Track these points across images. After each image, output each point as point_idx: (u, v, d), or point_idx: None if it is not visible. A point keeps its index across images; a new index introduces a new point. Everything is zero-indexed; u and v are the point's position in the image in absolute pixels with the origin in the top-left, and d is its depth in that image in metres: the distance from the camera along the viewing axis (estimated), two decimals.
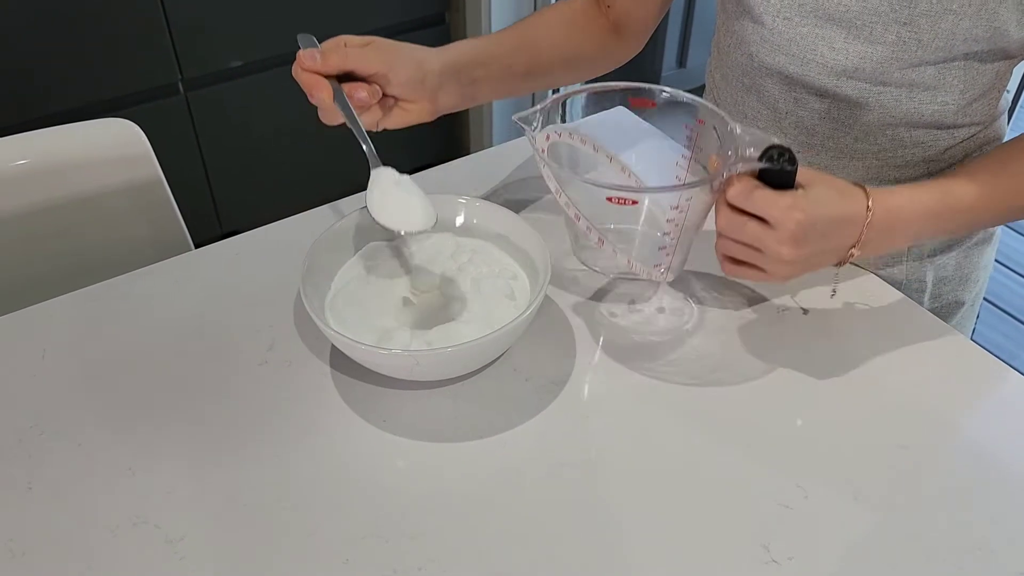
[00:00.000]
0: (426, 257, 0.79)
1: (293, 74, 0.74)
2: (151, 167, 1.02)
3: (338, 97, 0.73)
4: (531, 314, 0.70)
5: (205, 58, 1.92)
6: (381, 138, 0.77)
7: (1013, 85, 0.87)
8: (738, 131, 0.67)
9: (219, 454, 0.69)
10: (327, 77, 0.73)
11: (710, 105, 0.74)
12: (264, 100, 2.04)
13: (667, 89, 0.78)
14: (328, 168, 2.25)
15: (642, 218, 0.76)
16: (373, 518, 0.65)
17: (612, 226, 0.78)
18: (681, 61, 2.65)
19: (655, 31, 0.93)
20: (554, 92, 0.81)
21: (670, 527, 0.64)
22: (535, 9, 2.21)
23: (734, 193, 0.65)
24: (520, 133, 0.75)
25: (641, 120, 0.80)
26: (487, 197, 0.92)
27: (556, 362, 0.77)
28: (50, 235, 1.02)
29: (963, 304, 0.91)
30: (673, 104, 0.78)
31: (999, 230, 0.93)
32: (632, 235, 0.79)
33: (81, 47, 1.77)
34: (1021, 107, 2.31)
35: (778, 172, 0.65)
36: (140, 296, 0.84)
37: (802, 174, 0.66)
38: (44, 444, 0.70)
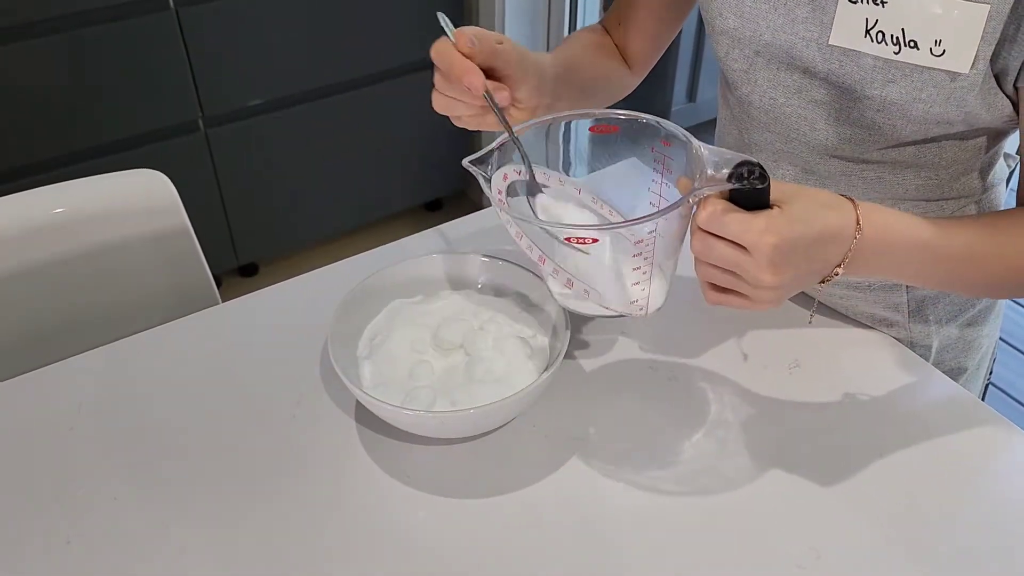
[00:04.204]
0: (449, 316, 0.81)
1: (436, 54, 0.70)
2: (179, 218, 1.05)
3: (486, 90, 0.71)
4: (551, 376, 0.73)
5: (225, 96, 1.96)
6: (395, 168, 0.79)
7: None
8: (704, 151, 0.64)
9: (249, 508, 0.72)
10: None
11: (673, 125, 0.70)
12: (281, 136, 2.09)
13: (624, 113, 0.73)
14: (342, 202, 2.29)
15: (607, 254, 0.71)
16: (397, 572, 0.67)
17: (580, 265, 0.72)
18: (691, 95, 2.68)
19: (665, 66, 0.95)
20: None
21: None
22: (547, 43, 2.25)
23: (704, 218, 0.62)
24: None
25: (607, 144, 0.76)
26: (506, 249, 0.95)
27: (573, 417, 0.79)
28: (79, 284, 1.05)
29: (965, 370, 0.92)
30: (638, 127, 0.73)
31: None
32: (600, 272, 0.73)
33: (104, 85, 1.81)
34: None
35: (749, 191, 0.61)
36: (170, 350, 0.87)
37: (781, 189, 0.62)
38: (82, 499, 0.73)
